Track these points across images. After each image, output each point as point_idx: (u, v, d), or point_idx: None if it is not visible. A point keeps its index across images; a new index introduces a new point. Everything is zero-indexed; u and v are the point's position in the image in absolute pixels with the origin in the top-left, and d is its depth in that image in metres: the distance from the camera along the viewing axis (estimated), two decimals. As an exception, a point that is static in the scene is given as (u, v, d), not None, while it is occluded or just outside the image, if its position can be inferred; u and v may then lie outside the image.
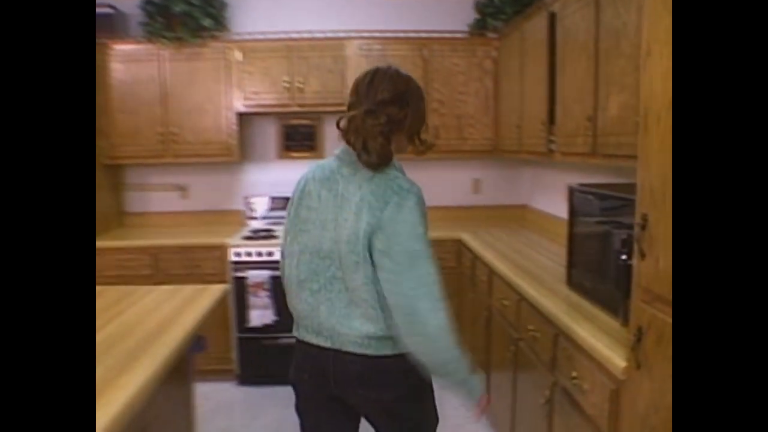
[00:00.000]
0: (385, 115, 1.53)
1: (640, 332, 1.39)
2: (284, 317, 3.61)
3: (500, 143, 3.87)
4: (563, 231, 3.61)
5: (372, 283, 1.50)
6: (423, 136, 1.66)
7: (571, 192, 2.25)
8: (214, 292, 2.43)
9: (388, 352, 1.55)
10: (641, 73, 1.38)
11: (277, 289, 3.57)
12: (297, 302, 1.64)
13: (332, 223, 1.54)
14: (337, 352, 1.57)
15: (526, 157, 3.40)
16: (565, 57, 2.67)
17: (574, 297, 2.23)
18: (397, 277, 1.47)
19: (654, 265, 1.34)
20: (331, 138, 4.28)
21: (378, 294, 1.51)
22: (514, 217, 4.41)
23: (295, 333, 1.72)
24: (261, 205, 4.19)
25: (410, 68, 3.82)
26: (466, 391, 1.60)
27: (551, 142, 2.92)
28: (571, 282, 2.32)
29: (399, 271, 1.46)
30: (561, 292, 2.32)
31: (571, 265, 2.32)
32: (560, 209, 3.70)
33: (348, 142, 1.57)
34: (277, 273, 3.54)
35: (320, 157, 4.29)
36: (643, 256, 1.37)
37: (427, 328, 1.47)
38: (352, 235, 1.49)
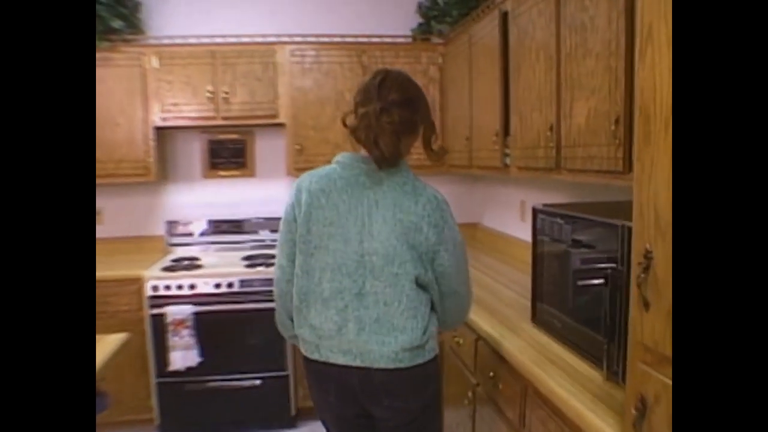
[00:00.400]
0: (398, 115, 1.52)
1: (644, 405, 1.06)
2: (211, 358, 3.16)
3: (448, 157, 3.55)
4: (519, 253, 3.36)
5: (414, 292, 1.55)
6: (434, 145, 1.68)
7: (535, 214, 1.93)
8: (109, 343, 1.98)
9: (419, 361, 1.57)
10: (638, 65, 1.05)
11: (201, 326, 3.12)
12: (321, 321, 1.59)
13: (357, 236, 1.54)
14: (367, 370, 1.56)
15: (477, 173, 3.09)
16: (521, 60, 2.37)
17: (542, 338, 1.90)
18: (457, 267, 1.64)
19: (662, 318, 1.01)
20: (263, 154, 3.87)
21: (421, 302, 1.57)
22: (465, 236, 4.08)
23: (310, 354, 1.65)
24: (196, 227, 3.72)
25: (348, 76, 3.49)
26: None
27: (506, 155, 2.61)
28: (537, 319, 1.99)
29: (457, 264, 1.63)
30: (525, 330, 1.99)
31: (536, 297, 1.99)
32: (515, 228, 3.40)
33: (358, 140, 1.56)
34: (201, 308, 3.14)
35: (251, 175, 3.87)
36: (646, 305, 1.04)
37: (465, 305, 1.74)
38: (390, 248, 1.52)
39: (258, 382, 3.26)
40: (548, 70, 2.11)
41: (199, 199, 3.84)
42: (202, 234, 3.73)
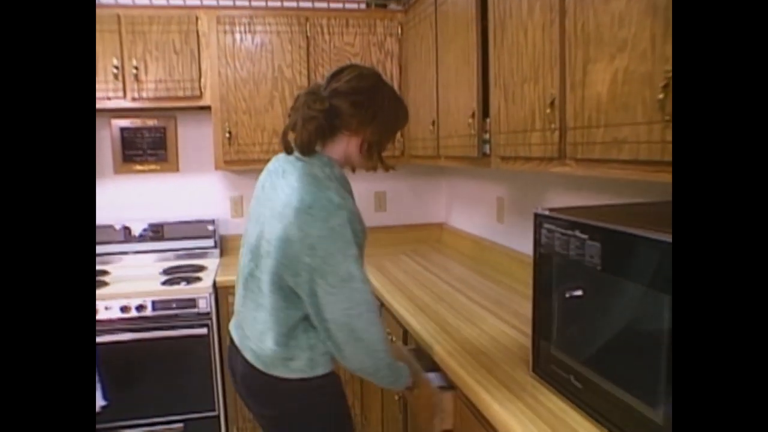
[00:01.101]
0: (330, 105, 1.47)
1: None
2: (118, 400, 2.53)
3: (410, 146, 2.99)
4: (496, 260, 2.78)
5: (281, 297, 1.47)
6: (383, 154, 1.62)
7: (539, 223, 1.38)
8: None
9: (278, 374, 1.51)
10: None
11: (104, 361, 2.48)
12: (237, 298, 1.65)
13: (262, 218, 1.52)
14: (240, 352, 1.58)
15: (446, 164, 2.53)
16: (506, 18, 1.81)
17: (549, 399, 1.36)
18: (332, 297, 1.40)
19: None
20: (188, 144, 3.22)
21: (287, 311, 1.47)
22: (428, 239, 3.55)
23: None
24: (106, 234, 3.06)
25: (289, 48, 2.88)
26: (398, 385, 1.60)
27: (485, 142, 2.06)
28: (541, 369, 1.44)
29: (333, 293, 1.39)
30: (520, 384, 1.44)
31: (540, 336, 1.44)
32: (490, 231, 2.86)
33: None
34: (104, 338, 2.50)
35: (173, 170, 3.21)
36: None
37: (365, 342, 1.44)
38: (273, 238, 1.44)
39: (180, 425, 2.64)
40: (547, 24, 1.57)
41: (109, 200, 3.16)
42: (113, 242, 3.06)
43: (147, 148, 3.15)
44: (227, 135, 2.86)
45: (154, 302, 2.56)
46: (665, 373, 0.99)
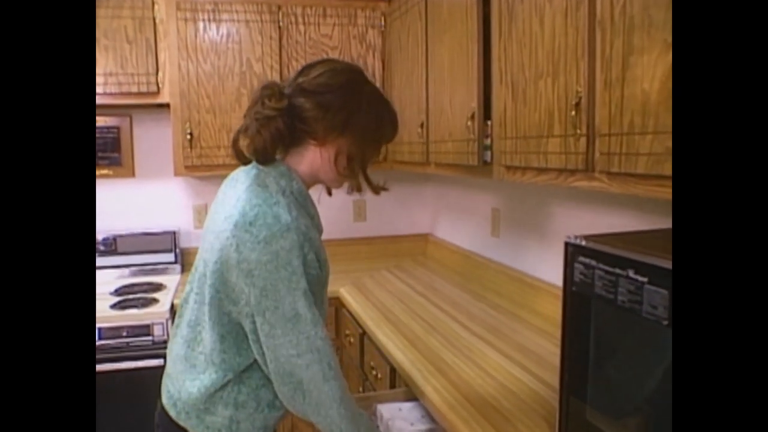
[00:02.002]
0: (290, 104, 1.19)
1: None
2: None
3: (394, 151, 2.69)
4: (490, 279, 2.42)
5: (214, 329, 1.19)
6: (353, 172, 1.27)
7: (572, 255, 1.08)
8: None
9: (191, 427, 1.22)
10: None
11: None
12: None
13: (206, 235, 1.25)
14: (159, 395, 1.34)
15: (436, 172, 2.24)
16: (517, 3, 1.53)
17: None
18: (273, 340, 1.13)
19: None
20: (145, 147, 2.87)
21: (218, 352, 1.19)
22: (412, 251, 3.26)
23: None
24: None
25: (259, 40, 2.56)
26: None
27: (486, 148, 1.77)
28: (575, 419, 1.15)
29: (275, 335, 1.12)
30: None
31: (569, 392, 1.15)
32: (482, 245, 2.58)
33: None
34: None
35: (128, 175, 2.87)
36: None
37: (314, 399, 1.15)
38: (211, 261, 1.17)
39: (131, 470, 2.30)
40: (572, 9, 1.29)
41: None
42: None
43: (98, 151, 2.80)
44: (188, 136, 2.53)
45: (101, 330, 2.22)
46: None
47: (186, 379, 1.24)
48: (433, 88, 2.15)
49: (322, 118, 1.20)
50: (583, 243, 1.05)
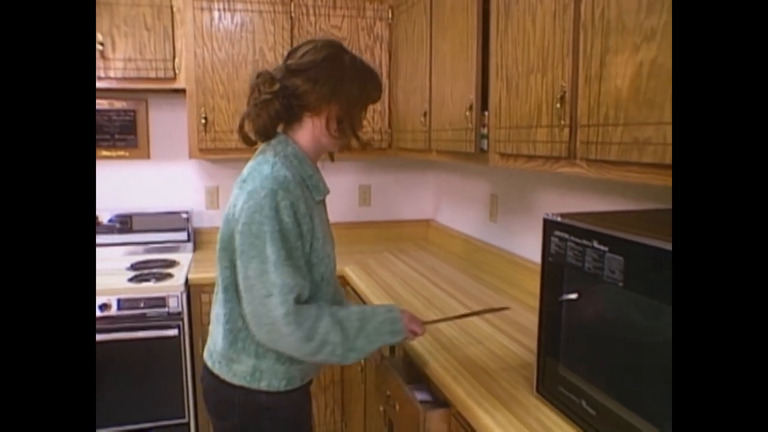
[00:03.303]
0: (283, 85, 1.34)
1: None
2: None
3: (398, 138, 2.83)
4: (487, 262, 2.57)
5: (226, 281, 1.36)
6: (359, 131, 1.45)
7: (549, 229, 1.22)
8: None
9: (222, 375, 1.38)
10: None
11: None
12: None
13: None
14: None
15: (438, 159, 2.37)
16: (513, 3, 1.65)
17: (557, 424, 1.22)
18: (247, 281, 1.26)
19: None
20: (161, 130, 3.01)
21: (230, 303, 1.36)
22: (414, 236, 3.39)
23: None
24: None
25: (271, 30, 2.69)
26: (385, 342, 1.40)
27: (483, 137, 1.90)
28: (547, 389, 1.30)
29: (247, 276, 1.26)
30: (524, 406, 1.30)
31: (545, 353, 1.30)
32: (481, 230, 2.71)
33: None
34: None
35: (144, 157, 3.01)
36: None
37: (289, 338, 1.25)
38: (222, 233, 1.37)
39: (146, 432, 2.47)
40: (560, 10, 1.41)
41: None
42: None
43: (115, 133, 2.94)
44: (203, 121, 2.67)
45: (119, 300, 2.38)
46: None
47: (215, 331, 1.41)
48: (436, 79, 2.28)
49: (312, 90, 1.35)
50: (559, 219, 1.19)
